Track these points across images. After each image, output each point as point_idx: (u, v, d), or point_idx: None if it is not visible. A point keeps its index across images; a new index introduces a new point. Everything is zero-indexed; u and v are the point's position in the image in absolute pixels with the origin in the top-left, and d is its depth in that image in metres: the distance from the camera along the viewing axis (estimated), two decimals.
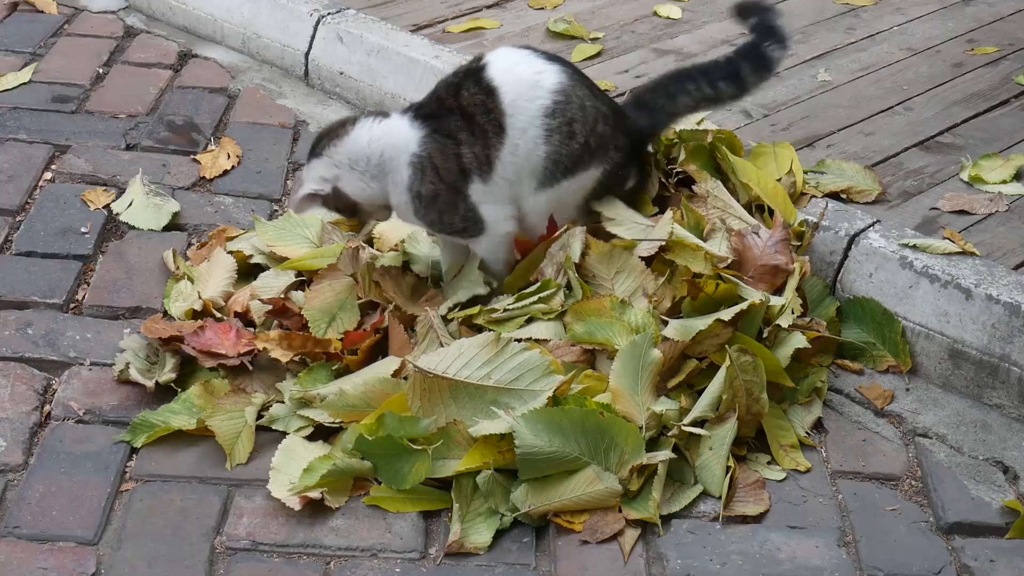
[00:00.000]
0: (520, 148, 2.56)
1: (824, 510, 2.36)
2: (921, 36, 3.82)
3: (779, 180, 2.89)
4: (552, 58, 2.66)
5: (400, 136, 2.56)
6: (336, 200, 2.61)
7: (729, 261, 2.62)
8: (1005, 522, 2.34)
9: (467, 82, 2.58)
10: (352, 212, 2.65)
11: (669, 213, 2.70)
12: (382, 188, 2.59)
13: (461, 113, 2.56)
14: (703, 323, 2.44)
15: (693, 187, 2.81)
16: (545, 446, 2.27)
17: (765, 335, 2.53)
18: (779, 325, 2.53)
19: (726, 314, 2.45)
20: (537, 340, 2.49)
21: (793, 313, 2.57)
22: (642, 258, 2.61)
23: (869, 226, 2.81)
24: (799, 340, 2.52)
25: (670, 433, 2.39)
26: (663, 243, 2.60)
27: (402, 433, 2.33)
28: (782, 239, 2.66)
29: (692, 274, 2.55)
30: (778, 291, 2.62)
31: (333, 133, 2.60)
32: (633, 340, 2.42)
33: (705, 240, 2.66)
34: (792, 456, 2.44)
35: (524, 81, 2.57)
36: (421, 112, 2.60)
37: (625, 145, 2.70)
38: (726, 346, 2.41)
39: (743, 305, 2.48)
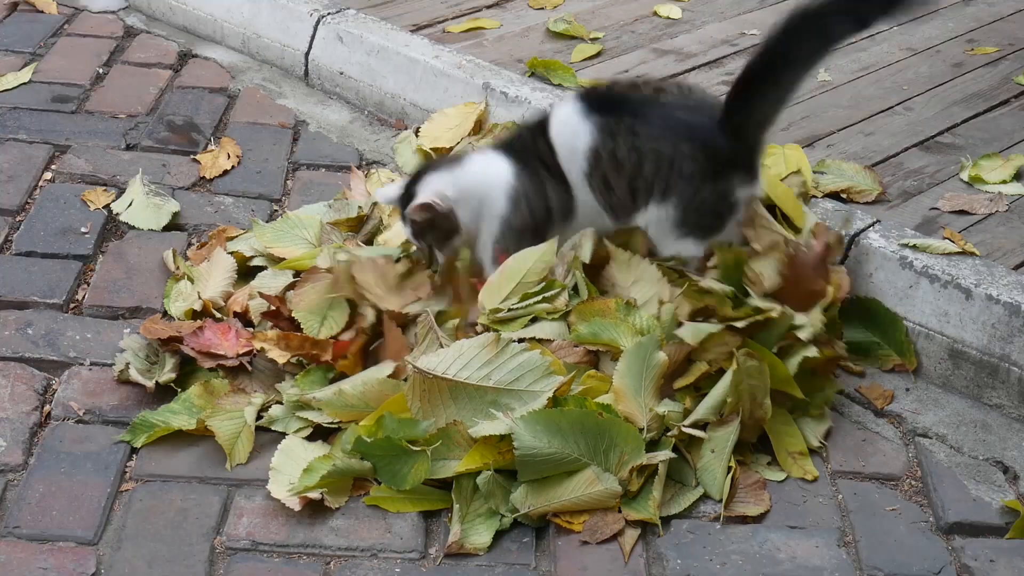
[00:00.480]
0: (582, 202, 2.65)
1: (824, 510, 2.36)
2: (921, 36, 3.82)
3: (784, 179, 2.89)
4: (598, 106, 2.61)
5: (498, 167, 2.65)
6: (445, 221, 2.61)
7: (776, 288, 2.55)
8: (1005, 522, 2.34)
9: (539, 134, 2.66)
10: (444, 239, 2.65)
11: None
12: (475, 220, 2.64)
13: (541, 160, 2.65)
14: (714, 328, 2.44)
15: None
16: (544, 447, 2.27)
17: (781, 347, 2.52)
18: (798, 337, 2.51)
19: (740, 322, 2.44)
20: (540, 340, 2.49)
21: (812, 328, 2.53)
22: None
23: (869, 226, 2.81)
24: (810, 351, 2.50)
25: (670, 434, 2.39)
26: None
27: (401, 435, 2.33)
28: (823, 260, 2.60)
29: (702, 292, 2.54)
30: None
31: (451, 161, 2.70)
32: (639, 341, 2.42)
33: (753, 263, 2.58)
34: (800, 464, 2.44)
35: (567, 146, 2.62)
36: (512, 148, 2.68)
37: (701, 171, 2.55)
38: (735, 350, 2.41)
39: (758, 316, 2.46)
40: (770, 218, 2.68)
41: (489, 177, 2.65)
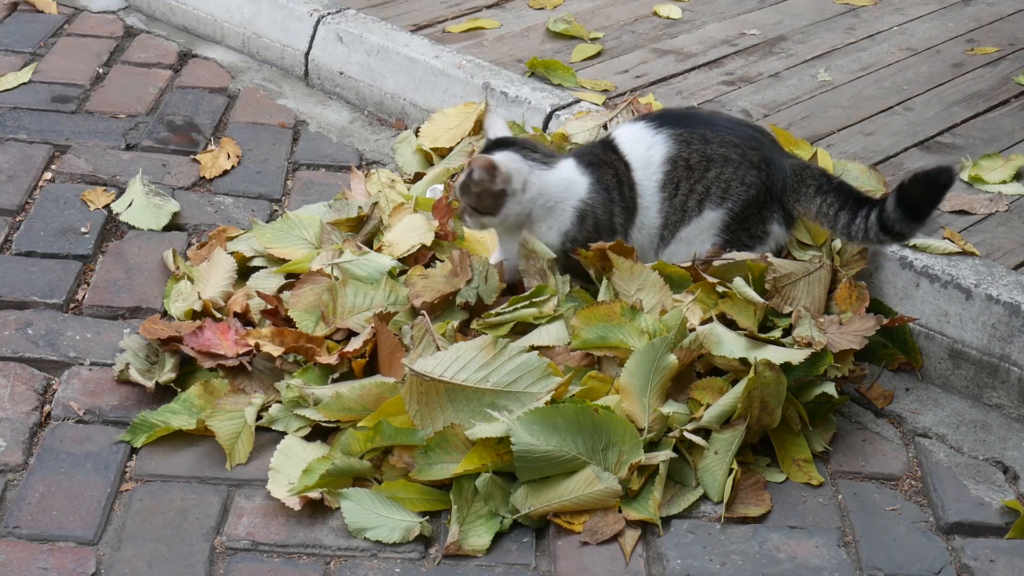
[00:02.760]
0: (647, 217, 2.67)
1: (824, 510, 2.36)
2: (921, 36, 3.83)
3: None
4: (665, 120, 2.68)
5: (577, 181, 2.65)
6: (490, 195, 2.58)
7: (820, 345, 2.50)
8: (1005, 522, 2.34)
9: (610, 150, 2.69)
10: (477, 209, 2.62)
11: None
12: (530, 218, 2.64)
13: (614, 172, 2.67)
14: (740, 348, 2.43)
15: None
16: (541, 445, 2.27)
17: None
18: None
19: (776, 357, 2.41)
20: (540, 347, 2.48)
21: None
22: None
23: None
24: (829, 387, 2.47)
25: (671, 434, 2.38)
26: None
27: (399, 441, 2.33)
28: (860, 330, 2.58)
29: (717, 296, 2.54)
30: None
31: (546, 153, 2.68)
32: (651, 342, 2.41)
33: (793, 328, 2.53)
34: (805, 470, 2.43)
35: (641, 159, 2.65)
36: (584, 159, 2.69)
37: (760, 181, 2.64)
38: (754, 357, 2.40)
39: (790, 358, 2.42)
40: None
41: (567, 189, 2.64)
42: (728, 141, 2.65)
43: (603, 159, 2.68)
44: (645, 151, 2.67)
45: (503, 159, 2.58)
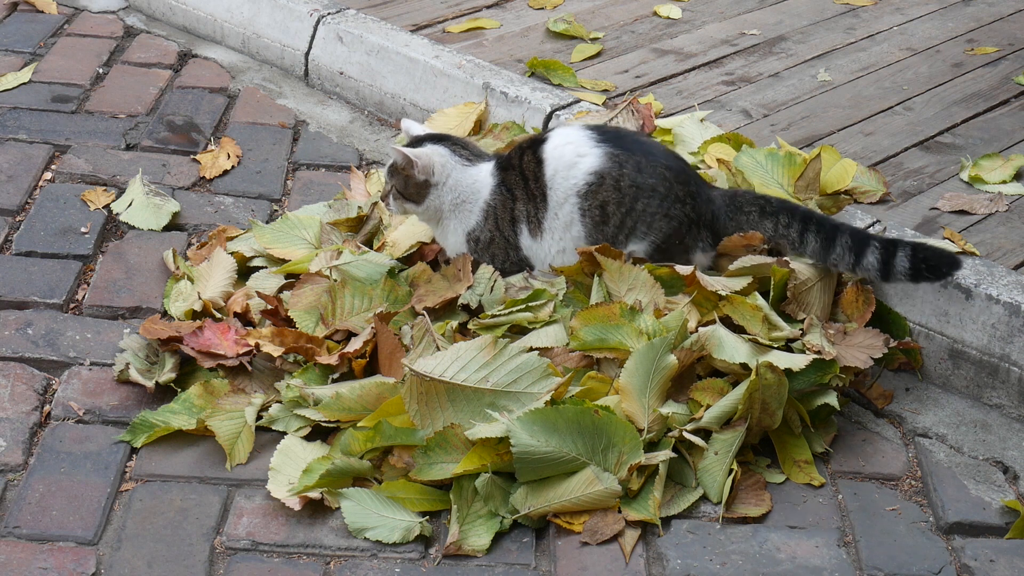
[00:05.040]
0: (560, 219, 2.66)
1: (824, 510, 2.36)
2: (921, 36, 3.82)
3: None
4: (606, 138, 2.68)
5: (482, 181, 2.72)
6: (415, 186, 2.67)
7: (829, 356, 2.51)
8: (1005, 522, 2.34)
9: (527, 150, 2.71)
10: (403, 195, 2.71)
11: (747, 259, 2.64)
12: (450, 211, 2.72)
13: (521, 174, 2.70)
14: (742, 352, 2.43)
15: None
16: (541, 446, 2.27)
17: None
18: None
19: (779, 362, 2.41)
20: (540, 348, 2.47)
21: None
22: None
23: (869, 226, 2.81)
24: (831, 397, 2.48)
25: (671, 434, 2.38)
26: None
27: (399, 441, 2.33)
28: (867, 347, 2.58)
29: (716, 299, 2.54)
30: None
31: (473, 152, 2.76)
32: (651, 342, 2.41)
33: (804, 334, 2.54)
34: (806, 471, 2.43)
35: (565, 160, 2.65)
36: (500, 163, 2.74)
37: (684, 214, 2.65)
38: (756, 359, 2.40)
39: (793, 364, 2.43)
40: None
41: (478, 191, 2.71)
42: (659, 173, 2.63)
43: (512, 162, 2.71)
44: (574, 154, 2.65)
45: (428, 151, 2.68)
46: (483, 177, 2.72)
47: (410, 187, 2.69)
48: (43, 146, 3.33)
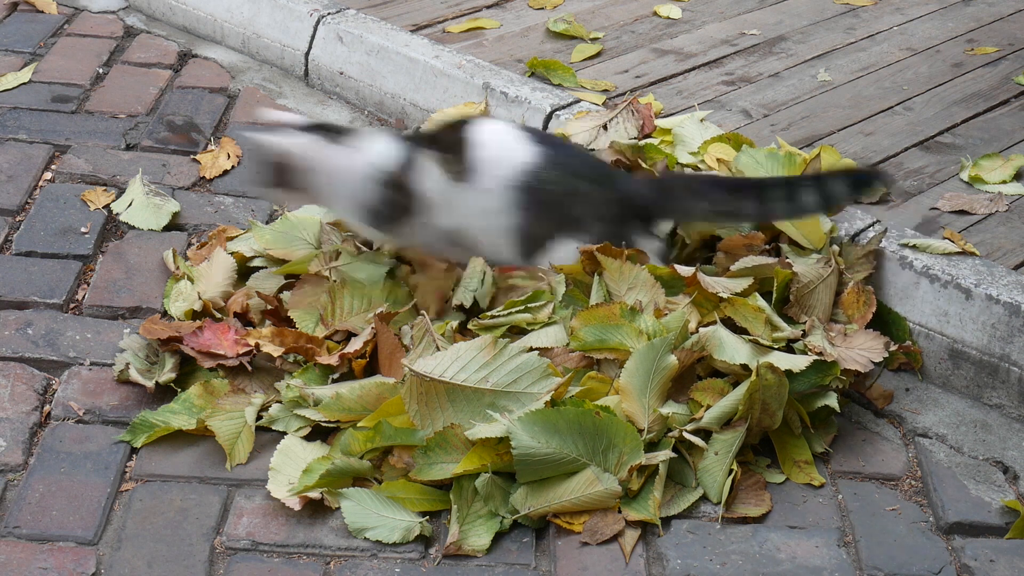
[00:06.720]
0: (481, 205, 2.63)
1: (824, 510, 2.36)
2: (921, 36, 3.83)
3: None
4: (541, 140, 2.69)
5: (382, 152, 2.66)
6: (291, 174, 2.65)
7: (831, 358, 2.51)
8: (1005, 522, 2.35)
9: (451, 128, 2.69)
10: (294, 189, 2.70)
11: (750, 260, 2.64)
12: (343, 192, 2.68)
13: (437, 146, 2.66)
14: (743, 354, 2.43)
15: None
16: (542, 448, 2.27)
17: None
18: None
19: (780, 363, 2.41)
20: (540, 348, 2.47)
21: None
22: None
23: (869, 226, 2.81)
24: (831, 399, 2.47)
25: (670, 435, 2.38)
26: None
27: (399, 441, 2.33)
28: (867, 350, 2.57)
29: (717, 299, 2.54)
30: None
31: (344, 135, 2.71)
32: (651, 342, 2.41)
33: (806, 335, 2.54)
34: (807, 471, 2.43)
35: (497, 145, 2.63)
36: (408, 137, 2.72)
37: (618, 216, 2.65)
38: (757, 359, 2.40)
39: (793, 365, 2.43)
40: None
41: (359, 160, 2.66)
42: (588, 176, 2.65)
43: (426, 136, 2.71)
44: (506, 150, 2.62)
45: (299, 144, 2.64)
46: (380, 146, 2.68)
47: (297, 181, 2.69)
48: (43, 146, 3.33)
